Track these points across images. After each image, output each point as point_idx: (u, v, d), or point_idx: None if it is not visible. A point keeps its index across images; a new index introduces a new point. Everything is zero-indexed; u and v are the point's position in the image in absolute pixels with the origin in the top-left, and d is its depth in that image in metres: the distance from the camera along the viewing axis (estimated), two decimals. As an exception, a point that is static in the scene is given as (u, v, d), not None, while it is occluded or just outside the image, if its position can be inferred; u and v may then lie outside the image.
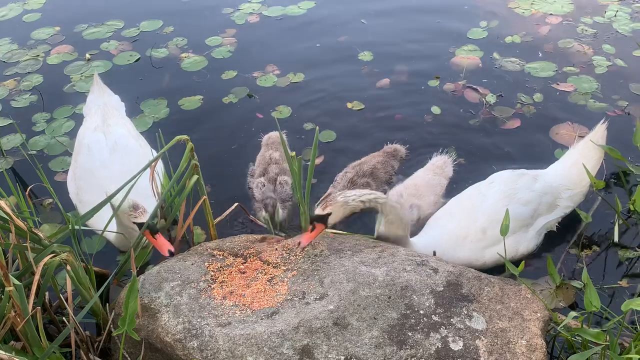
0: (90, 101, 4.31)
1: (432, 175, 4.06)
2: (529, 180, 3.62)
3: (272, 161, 4.17)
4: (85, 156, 3.88)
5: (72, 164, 4.06)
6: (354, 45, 5.51)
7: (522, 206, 3.54)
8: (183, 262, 3.24)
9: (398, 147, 4.37)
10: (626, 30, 5.47)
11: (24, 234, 2.93)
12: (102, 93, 4.30)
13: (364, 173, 4.07)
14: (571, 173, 3.73)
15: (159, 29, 5.85)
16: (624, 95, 4.78)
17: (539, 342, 2.85)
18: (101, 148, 3.86)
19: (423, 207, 3.84)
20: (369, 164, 4.14)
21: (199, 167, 3.40)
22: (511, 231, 3.50)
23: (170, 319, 2.93)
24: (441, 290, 3.02)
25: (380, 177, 4.14)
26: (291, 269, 3.16)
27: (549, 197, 3.62)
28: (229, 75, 5.24)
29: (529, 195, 3.56)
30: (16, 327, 2.73)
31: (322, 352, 2.74)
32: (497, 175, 3.71)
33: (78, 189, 3.84)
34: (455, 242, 3.49)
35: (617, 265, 3.67)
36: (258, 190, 4.00)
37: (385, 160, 4.23)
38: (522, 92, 4.89)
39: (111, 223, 3.37)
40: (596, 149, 3.79)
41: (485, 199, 3.51)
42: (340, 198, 3.20)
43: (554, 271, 3.34)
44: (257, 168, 4.20)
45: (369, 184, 4.02)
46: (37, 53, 5.60)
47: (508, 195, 3.53)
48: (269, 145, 4.33)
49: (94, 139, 3.92)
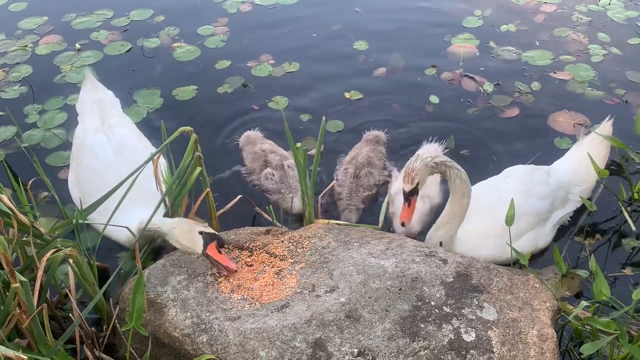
0: (83, 97, 4.19)
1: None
2: (543, 174, 3.62)
3: (268, 151, 4.13)
4: (89, 159, 3.73)
5: (72, 167, 3.90)
6: (349, 34, 5.46)
7: (541, 200, 3.54)
8: (188, 255, 3.19)
9: (377, 133, 4.35)
10: (620, 18, 5.48)
11: (26, 229, 2.86)
12: (95, 89, 4.19)
13: (362, 164, 4.06)
14: (579, 169, 3.74)
15: (149, 18, 5.75)
16: (621, 83, 4.79)
17: (550, 332, 2.84)
18: (105, 150, 3.72)
19: (432, 196, 3.82)
20: (362, 155, 4.12)
21: (202, 159, 3.35)
22: (531, 226, 3.52)
23: (178, 314, 2.88)
24: (451, 281, 3.00)
25: (377, 164, 4.14)
26: (299, 262, 3.12)
27: (563, 192, 3.63)
28: (222, 65, 5.17)
29: (546, 189, 3.56)
30: (22, 324, 2.67)
31: (335, 345, 2.71)
32: (511, 170, 3.70)
33: (83, 193, 3.65)
34: (478, 240, 3.45)
35: (620, 253, 3.68)
36: (269, 182, 3.95)
37: (373, 147, 4.22)
38: (519, 81, 4.88)
39: (112, 219, 3.28)
40: (603, 145, 3.81)
41: (503, 194, 3.45)
42: (420, 163, 3.18)
43: (560, 260, 3.34)
44: (254, 164, 4.13)
45: (371, 173, 4.02)
46: (25, 43, 5.49)
47: (526, 190, 3.52)
48: (251, 143, 4.28)
49: (96, 140, 3.77)
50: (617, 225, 3.81)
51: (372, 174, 4.03)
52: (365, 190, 3.97)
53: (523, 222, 3.49)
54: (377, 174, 4.07)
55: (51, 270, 2.85)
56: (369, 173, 4.02)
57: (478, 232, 3.46)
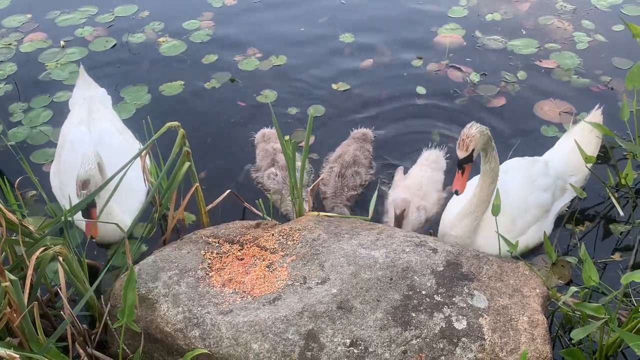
0: (75, 94, 4.22)
1: (431, 171, 3.97)
2: (542, 166, 3.64)
3: (278, 151, 4.08)
4: (69, 151, 3.78)
5: (55, 158, 3.96)
6: (335, 26, 5.45)
7: (544, 192, 3.56)
8: (179, 250, 3.19)
9: (365, 131, 4.33)
10: (604, 6, 5.49)
11: (14, 227, 2.84)
12: (87, 86, 4.21)
13: (348, 164, 4.03)
14: (572, 158, 3.75)
15: (134, 14, 5.71)
16: (607, 70, 4.81)
17: (540, 318, 2.87)
18: (85, 142, 3.76)
19: (428, 207, 3.77)
20: (349, 154, 4.09)
21: (191, 154, 3.34)
22: (536, 218, 3.54)
23: (170, 309, 2.88)
24: (441, 270, 3.01)
25: (363, 163, 4.11)
26: (289, 254, 3.12)
27: (561, 182, 3.66)
28: (209, 60, 5.15)
29: (547, 180, 3.58)
30: (12, 323, 2.66)
31: (328, 336, 2.72)
32: (509, 163, 3.71)
33: (62, 184, 3.75)
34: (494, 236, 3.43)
35: (609, 239, 3.70)
36: (271, 181, 3.93)
37: (360, 145, 4.20)
38: (505, 70, 4.89)
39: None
40: (594, 133, 3.81)
41: (507, 190, 3.41)
42: (475, 130, 3.12)
43: (550, 249, 3.36)
44: (263, 161, 4.11)
45: (358, 173, 4.00)
46: (9, 41, 5.44)
47: (529, 183, 3.54)
48: (266, 140, 4.25)
49: (77, 132, 3.83)
50: (605, 211, 3.83)
51: (359, 173, 4.00)
52: (350, 190, 3.94)
53: (530, 216, 3.52)
54: (364, 173, 4.04)
55: (41, 269, 2.83)
56: (356, 173, 3.99)
57: (484, 228, 3.43)
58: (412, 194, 3.75)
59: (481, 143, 3.17)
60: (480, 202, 3.35)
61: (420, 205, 3.72)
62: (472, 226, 3.40)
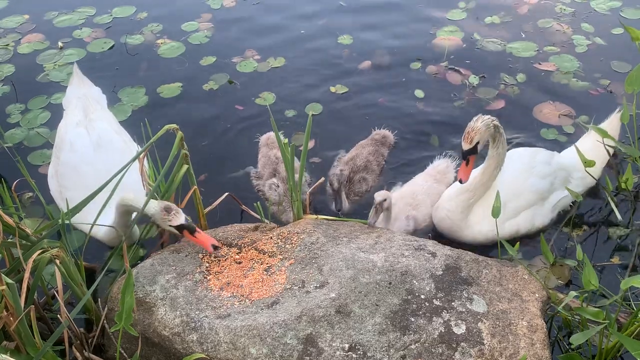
0: (69, 93, 4.17)
1: (433, 182, 3.90)
2: (547, 155, 3.71)
3: (280, 160, 4.01)
4: (68, 153, 3.74)
5: (53, 160, 3.90)
6: (334, 28, 5.44)
7: (541, 179, 3.61)
8: (177, 253, 3.17)
9: (386, 134, 4.30)
10: (603, 9, 5.49)
11: (11, 230, 2.82)
12: (82, 84, 4.18)
13: (358, 168, 4.00)
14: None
15: (132, 15, 5.71)
16: (605, 74, 4.80)
17: (539, 323, 2.86)
18: (84, 144, 3.72)
19: (419, 219, 3.72)
20: (361, 158, 4.06)
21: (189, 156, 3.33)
22: (528, 204, 3.60)
23: (167, 313, 2.86)
24: (440, 274, 3.00)
25: (374, 169, 4.08)
26: (288, 258, 3.11)
27: (564, 173, 3.70)
28: (207, 62, 5.15)
29: (547, 169, 3.63)
30: (9, 327, 2.64)
31: (326, 340, 2.70)
32: (512, 152, 3.73)
33: (61, 187, 3.70)
34: (489, 220, 3.41)
35: (607, 242, 3.69)
36: (272, 192, 3.86)
37: (375, 149, 4.15)
38: (505, 73, 4.89)
39: (99, 219, 3.26)
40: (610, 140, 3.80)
41: (502, 173, 3.49)
42: (480, 124, 3.22)
43: (546, 250, 3.35)
44: (264, 169, 4.07)
45: (365, 179, 3.97)
46: (7, 42, 5.42)
47: (527, 170, 3.60)
48: (269, 145, 4.20)
49: (76, 134, 3.78)
50: (604, 215, 3.83)
51: (366, 180, 3.97)
52: (355, 195, 3.93)
53: (522, 200, 3.58)
54: (371, 180, 4.00)
55: (38, 272, 2.82)
56: (363, 179, 3.96)
57: (486, 213, 3.44)
58: (404, 202, 3.72)
59: (486, 136, 3.27)
60: (481, 184, 3.45)
61: (409, 215, 3.69)
62: (467, 204, 3.49)
